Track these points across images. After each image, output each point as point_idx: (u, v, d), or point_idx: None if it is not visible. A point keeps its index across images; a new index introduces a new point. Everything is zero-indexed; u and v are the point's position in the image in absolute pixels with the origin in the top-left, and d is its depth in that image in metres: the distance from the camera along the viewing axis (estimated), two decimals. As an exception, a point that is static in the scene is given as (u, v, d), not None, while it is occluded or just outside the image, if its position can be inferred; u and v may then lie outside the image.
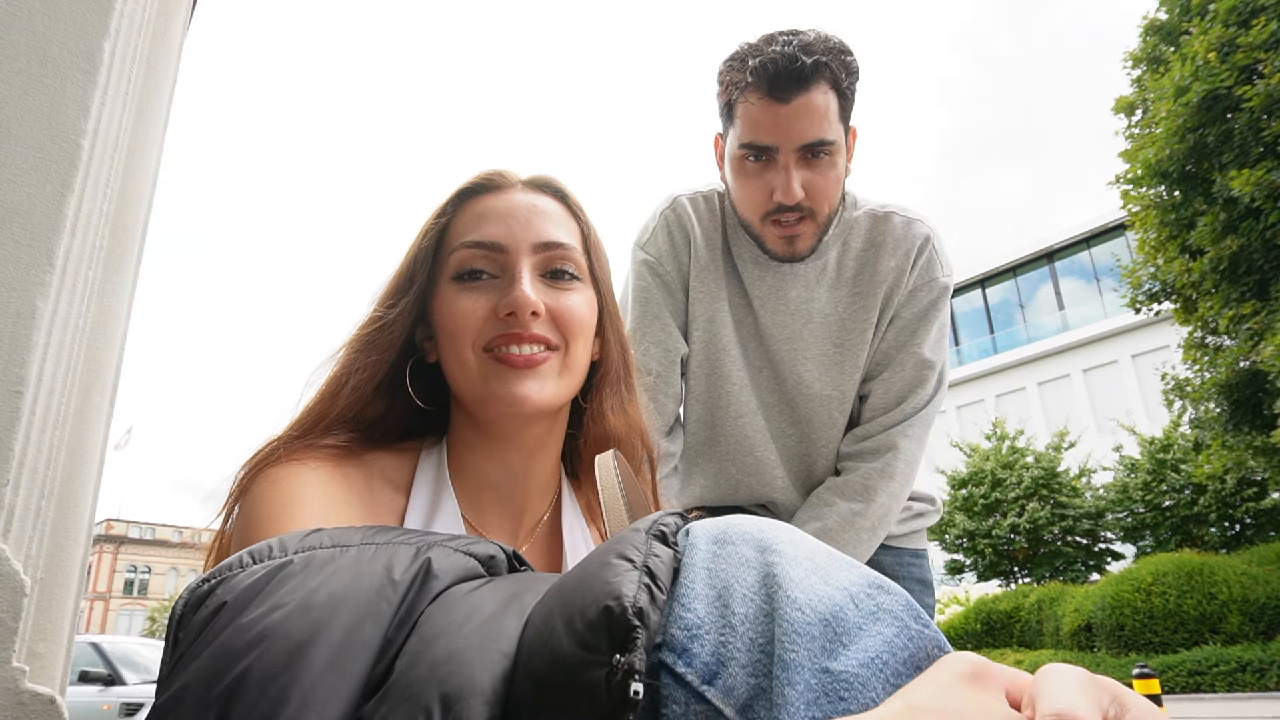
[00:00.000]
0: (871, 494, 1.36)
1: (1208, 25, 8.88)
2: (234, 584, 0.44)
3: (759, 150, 1.26)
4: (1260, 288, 9.10)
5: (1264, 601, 10.22)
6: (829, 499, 1.39)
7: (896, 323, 1.41)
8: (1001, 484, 16.83)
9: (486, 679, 0.39)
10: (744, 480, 1.49)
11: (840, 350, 1.41)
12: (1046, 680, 0.35)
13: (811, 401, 1.43)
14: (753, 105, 1.24)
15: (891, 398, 1.41)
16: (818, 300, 1.41)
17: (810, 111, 1.22)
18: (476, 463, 0.85)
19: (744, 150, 1.28)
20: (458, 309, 0.81)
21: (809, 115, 1.23)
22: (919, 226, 1.41)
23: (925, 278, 1.40)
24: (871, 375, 1.43)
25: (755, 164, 1.28)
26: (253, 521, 0.69)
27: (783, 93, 1.21)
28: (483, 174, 0.87)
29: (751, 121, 1.25)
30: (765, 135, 1.25)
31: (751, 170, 1.29)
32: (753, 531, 0.46)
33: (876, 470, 1.37)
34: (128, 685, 7.44)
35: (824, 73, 1.22)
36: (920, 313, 1.40)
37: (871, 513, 1.36)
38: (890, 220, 1.41)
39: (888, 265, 1.39)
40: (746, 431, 1.45)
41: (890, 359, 1.41)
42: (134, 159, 0.87)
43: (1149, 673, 6.44)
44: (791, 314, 1.41)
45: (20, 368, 0.66)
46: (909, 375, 1.40)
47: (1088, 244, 24.69)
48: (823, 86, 1.23)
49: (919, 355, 1.40)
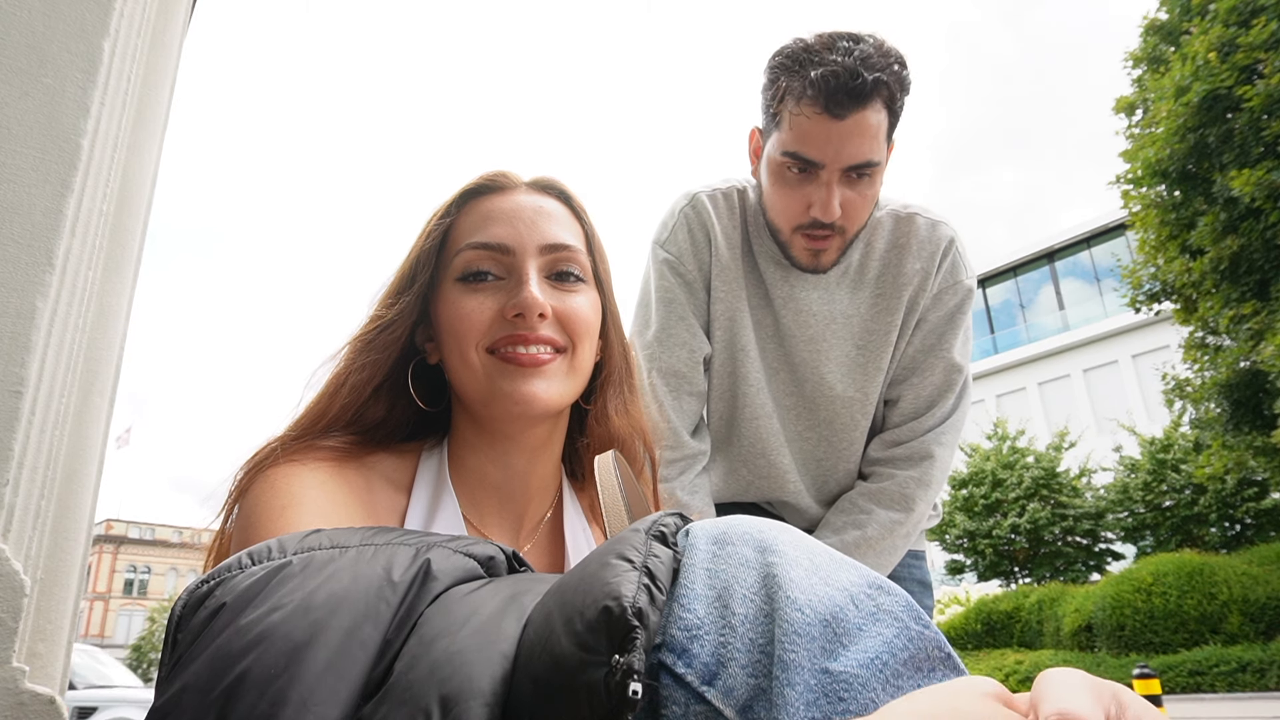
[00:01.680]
0: (911, 503, 1.36)
1: (1208, 25, 8.88)
2: (233, 585, 0.44)
3: (804, 163, 1.23)
4: (1260, 288, 9.10)
5: (1264, 601, 10.22)
6: (867, 507, 1.37)
7: (923, 326, 1.40)
8: (1002, 484, 16.84)
9: (486, 680, 0.39)
10: (755, 482, 1.48)
11: (863, 352, 1.40)
12: (1048, 683, 0.35)
13: (834, 404, 1.42)
14: (806, 117, 1.20)
15: (922, 403, 1.40)
16: (840, 302, 1.40)
17: (863, 131, 1.19)
18: (478, 463, 0.85)
19: (788, 158, 1.24)
20: (464, 310, 0.80)
21: (861, 135, 1.20)
22: (943, 229, 1.40)
23: (950, 280, 1.39)
24: (899, 379, 1.42)
25: (797, 175, 1.25)
26: (252, 522, 0.69)
27: (840, 109, 1.18)
28: (486, 175, 0.87)
29: (802, 132, 1.21)
30: (814, 150, 1.21)
31: (792, 180, 1.26)
32: (752, 532, 0.46)
33: (915, 479, 1.37)
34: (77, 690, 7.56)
35: (881, 91, 1.19)
36: (947, 316, 1.40)
37: (910, 522, 1.36)
38: (914, 222, 1.40)
39: (912, 267, 1.38)
40: (762, 434, 1.44)
41: (918, 363, 1.40)
42: (134, 159, 0.87)
43: (1149, 673, 6.44)
44: (813, 315, 1.39)
45: (20, 368, 0.66)
46: (939, 379, 1.39)
47: (1088, 244, 24.69)
48: (877, 105, 1.20)
49: (949, 359, 1.39)
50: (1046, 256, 25.69)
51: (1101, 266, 23.75)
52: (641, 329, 1.42)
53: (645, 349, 1.40)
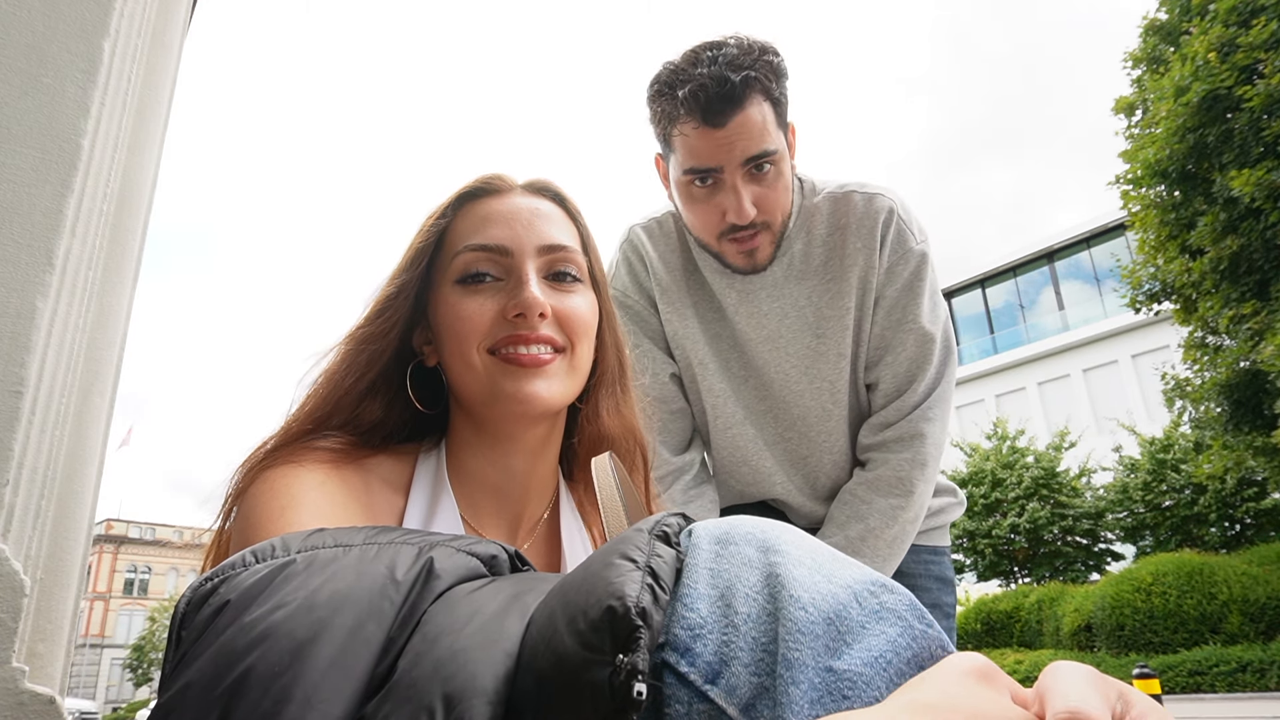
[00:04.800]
0: (910, 486, 1.33)
1: (1208, 25, 8.89)
2: (237, 583, 0.44)
3: (703, 174, 1.25)
4: (1260, 288, 9.10)
5: (1264, 601, 10.22)
6: (866, 496, 1.36)
7: (883, 303, 1.37)
8: (1001, 484, 16.84)
9: (489, 678, 0.39)
10: (745, 490, 1.49)
11: (821, 340, 1.39)
12: (1055, 678, 0.35)
13: (802, 398, 1.42)
14: (689, 135, 1.23)
15: (901, 379, 1.37)
16: (790, 295, 1.39)
17: (748, 129, 1.21)
18: (476, 464, 0.85)
19: (689, 175, 1.26)
20: (464, 312, 0.81)
21: (748, 132, 1.21)
22: (880, 200, 1.36)
23: (899, 251, 1.36)
24: (874, 361, 1.40)
25: (702, 188, 1.27)
26: (252, 523, 0.69)
27: (718, 117, 1.20)
28: (482, 178, 0.88)
29: (690, 149, 1.24)
30: (707, 159, 1.23)
31: (700, 195, 1.28)
32: (755, 532, 0.46)
33: (908, 460, 1.34)
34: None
35: (755, 86, 1.21)
36: (904, 286, 1.36)
37: (912, 505, 1.34)
38: (850, 200, 1.37)
39: (854, 246, 1.36)
40: (738, 442, 1.45)
41: (888, 340, 1.38)
42: (134, 159, 0.87)
43: (1149, 673, 6.44)
44: (766, 314, 1.39)
45: (20, 368, 0.65)
46: (912, 351, 1.36)
47: (1088, 244, 24.70)
48: (756, 100, 1.21)
49: (918, 328, 1.36)
50: (1046, 257, 25.70)
51: (1101, 267, 23.76)
52: None
53: None
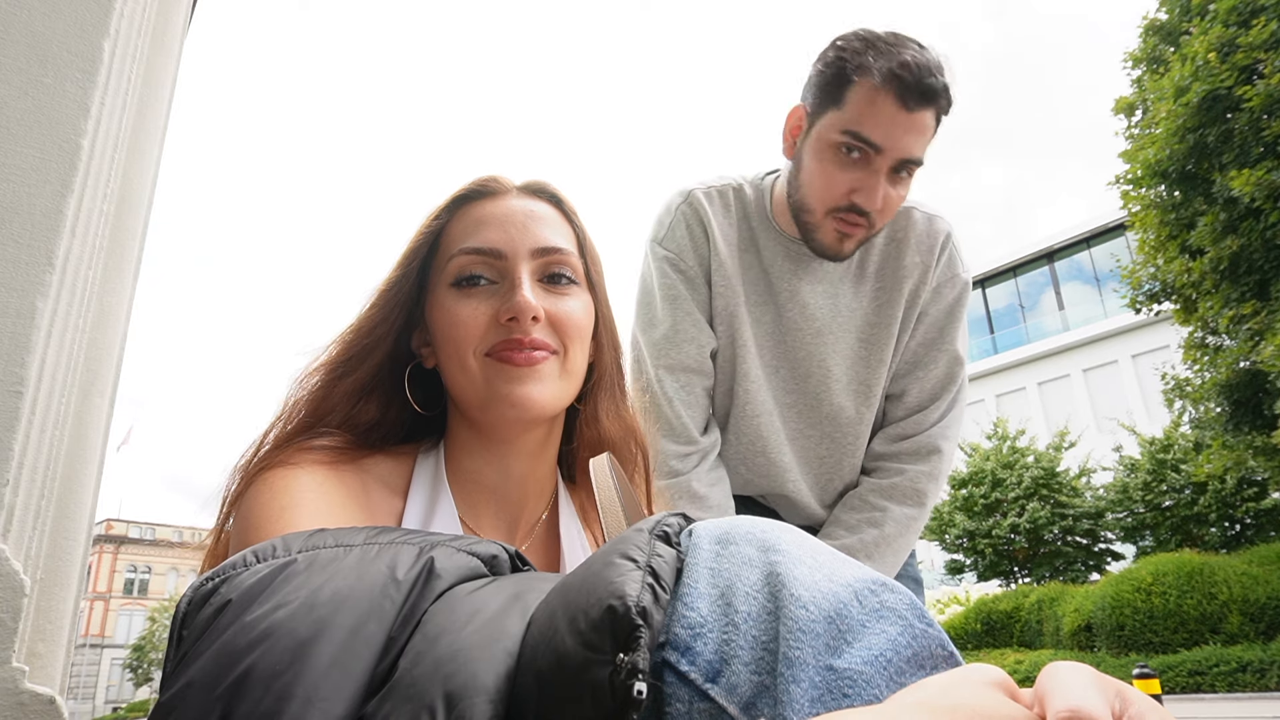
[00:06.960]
0: (924, 498, 1.38)
1: (1208, 25, 8.88)
2: (238, 582, 0.44)
3: (864, 145, 1.22)
4: (1260, 288, 9.10)
5: (1264, 601, 10.21)
6: (880, 504, 1.38)
7: (925, 320, 1.42)
8: (1002, 484, 16.83)
9: (490, 677, 0.39)
10: (753, 480, 1.47)
11: (866, 346, 1.42)
12: (1055, 677, 0.35)
13: (838, 397, 1.42)
14: (876, 102, 1.20)
15: (926, 395, 1.42)
16: (843, 296, 1.41)
17: (922, 129, 1.22)
18: (474, 466, 0.85)
19: (846, 137, 1.23)
20: (459, 315, 0.81)
21: (919, 132, 1.22)
22: (940, 223, 1.42)
23: (949, 274, 1.41)
24: (903, 373, 1.44)
25: (849, 157, 1.24)
26: (251, 524, 0.69)
27: (911, 102, 1.19)
28: (478, 180, 0.87)
29: (872, 114, 1.21)
30: (879, 134, 1.20)
31: (842, 161, 1.24)
32: (755, 532, 0.46)
33: (926, 474, 1.39)
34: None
35: (941, 99, 1.22)
36: (947, 309, 1.42)
37: (922, 517, 1.38)
38: (911, 216, 1.41)
39: (912, 261, 1.39)
40: (762, 431, 1.43)
41: (921, 357, 1.43)
42: (134, 159, 0.87)
43: (1149, 673, 6.43)
44: (818, 309, 1.40)
45: (20, 368, 0.65)
46: (942, 372, 1.42)
47: (1088, 244, 24.71)
48: (934, 111, 1.22)
49: (952, 352, 1.42)
50: (1046, 257, 25.71)
51: (1101, 267, 23.76)
52: (647, 327, 1.41)
53: (653, 347, 1.40)
